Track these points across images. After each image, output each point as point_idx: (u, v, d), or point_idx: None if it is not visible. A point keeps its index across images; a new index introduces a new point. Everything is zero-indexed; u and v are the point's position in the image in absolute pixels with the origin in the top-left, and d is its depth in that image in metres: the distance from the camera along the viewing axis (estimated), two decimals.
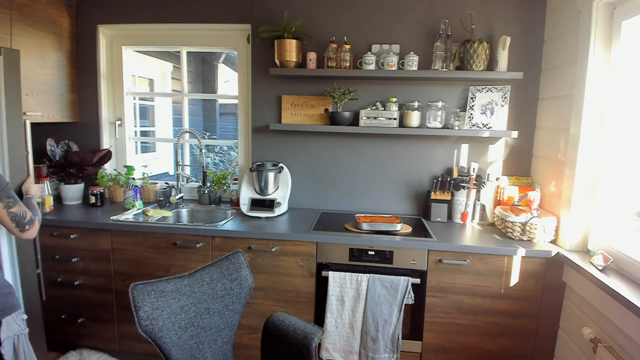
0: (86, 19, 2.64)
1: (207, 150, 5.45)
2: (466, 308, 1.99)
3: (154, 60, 5.08)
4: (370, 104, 2.44)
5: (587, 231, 1.89)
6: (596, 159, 1.84)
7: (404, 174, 2.52)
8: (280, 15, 2.33)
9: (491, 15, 2.31)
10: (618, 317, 1.50)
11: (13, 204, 1.48)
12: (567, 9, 2.03)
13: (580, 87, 1.85)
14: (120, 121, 2.81)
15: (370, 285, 1.94)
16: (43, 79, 2.41)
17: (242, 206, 2.39)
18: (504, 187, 2.29)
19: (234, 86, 2.79)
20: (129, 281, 2.17)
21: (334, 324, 2.00)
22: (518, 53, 2.30)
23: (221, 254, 2.05)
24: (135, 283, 1.28)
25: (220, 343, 1.49)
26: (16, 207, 1.49)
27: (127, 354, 2.29)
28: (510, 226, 2.04)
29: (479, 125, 2.34)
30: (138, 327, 1.23)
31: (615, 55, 1.76)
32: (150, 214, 2.33)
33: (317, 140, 2.56)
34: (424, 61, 2.34)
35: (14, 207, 1.49)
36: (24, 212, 1.51)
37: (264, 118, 2.57)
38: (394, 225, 2.10)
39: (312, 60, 2.34)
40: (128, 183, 2.59)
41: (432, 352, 2.05)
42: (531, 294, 1.94)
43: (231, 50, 3.25)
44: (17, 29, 2.21)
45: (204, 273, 1.49)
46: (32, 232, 1.52)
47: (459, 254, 1.95)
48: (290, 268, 2.08)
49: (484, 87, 2.33)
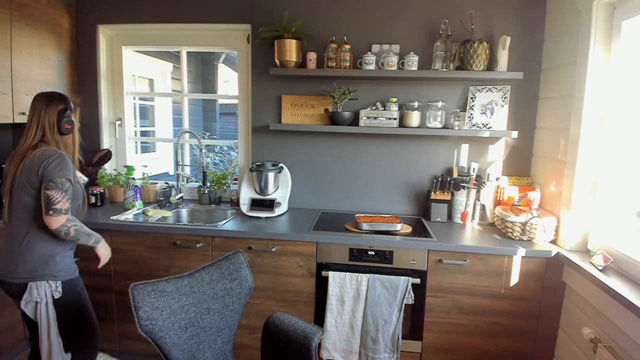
0: (86, 19, 2.64)
1: (207, 150, 5.45)
2: (466, 308, 1.99)
3: (154, 60, 5.08)
4: (370, 104, 2.44)
5: (587, 231, 1.89)
6: (596, 159, 1.84)
7: (404, 174, 2.52)
8: (280, 15, 2.33)
9: (491, 15, 2.31)
10: (618, 317, 1.50)
11: (51, 188, 1.51)
12: (567, 9, 2.03)
13: (580, 87, 1.85)
14: (120, 121, 2.81)
15: (370, 285, 1.94)
16: (43, 79, 2.41)
17: (242, 206, 2.39)
18: (504, 187, 2.29)
19: (234, 86, 2.79)
20: (129, 281, 2.16)
21: (334, 324, 2.00)
22: (518, 53, 2.30)
23: (221, 254, 2.05)
24: (135, 283, 1.28)
25: (220, 343, 1.49)
26: (53, 192, 1.51)
27: (127, 354, 2.29)
28: (510, 226, 2.04)
29: (479, 125, 2.34)
30: (138, 327, 1.23)
31: (615, 55, 1.76)
32: (150, 214, 2.33)
33: (317, 140, 2.56)
34: (424, 61, 2.34)
35: (51, 190, 1.51)
36: (57, 200, 1.52)
37: (264, 118, 2.57)
38: (394, 225, 2.10)
39: (312, 60, 2.34)
40: (128, 183, 2.59)
41: (432, 352, 2.05)
42: (531, 294, 1.94)
43: (231, 50, 3.25)
44: (17, 29, 2.21)
45: (204, 273, 1.48)
46: (52, 221, 1.53)
47: (459, 254, 1.95)
48: (290, 268, 2.08)
49: (484, 87, 2.33)
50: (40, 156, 1.53)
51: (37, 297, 1.56)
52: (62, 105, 1.62)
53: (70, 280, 1.67)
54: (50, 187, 1.51)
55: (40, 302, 1.57)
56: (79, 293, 1.70)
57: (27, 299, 1.56)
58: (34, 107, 1.60)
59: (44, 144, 1.58)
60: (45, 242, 1.59)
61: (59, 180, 1.53)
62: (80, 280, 1.74)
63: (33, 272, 1.56)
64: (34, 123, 1.58)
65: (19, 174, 1.54)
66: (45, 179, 1.52)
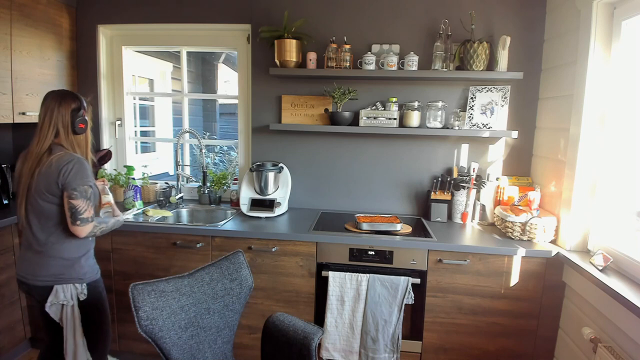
0: (86, 19, 2.64)
1: (207, 150, 5.44)
2: (466, 308, 1.99)
3: (154, 60, 5.08)
4: (370, 104, 2.44)
5: (587, 231, 1.89)
6: (596, 159, 1.84)
7: (404, 174, 2.52)
8: (280, 15, 2.33)
9: (491, 15, 2.31)
10: (618, 317, 1.50)
11: (76, 197, 1.50)
12: (567, 9, 2.03)
13: (580, 87, 1.85)
14: (120, 121, 2.81)
15: (370, 285, 1.94)
16: (43, 79, 2.41)
17: (242, 206, 2.39)
18: (504, 187, 2.29)
19: (234, 86, 2.79)
20: (129, 281, 2.16)
21: (334, 324, 2.00)
22: (518, 53, 2.30)
23: (221, 254, 2.04)
24: (135, 283, 1.28)
25: (220, 343, 1.49)
26: (78, 201, 1.51)
27: (127, 354, 2.29)
28: (510, 226, 2.04)
29: (479, 125, 2.34)
30: (138, 327, 1.23)
31: (615, 55, 1.76)
32: (150, 214, 2.33)
33: (317, 140, 2.56)
34: (424, 61, 2.34)
35: (76, 200, 1.51)
36: (83, 209, 1.52)
37: (264, 118, 2.57)
38: (394, 225, 2.10)
39: (312, 60, 2.34)
40: (128, 183, 2.59)
41: (432, 352, 2.05)
42: (531, 294, 1.94)
43: (231, 50, 3.25)
44: (17, 29, 2.21)
45: (204, 273, 1.48)
46: (80, 230, 1.53)
47: (459, 254, 1.95)
48: (290, 268, 2.08)
49: (484, 87, 2.33)
50: (58, 164, 1.50)
51: (63, 299, 1.57)
52: (75, 104, 1.58)
53: (94, 282, 1.68)
54: (75, 196, 1.50)
55: (66, 305, 1.57)
56: (100, 294, 1.71)
57: (52, 302, 1.56)
58: (46, 106, 1.55)
59: (58, 146, 1.56)
60: (70, 246, 1.60)
61: (81, 188, 1.52)
62: (102, 280, 1.74)
63: (59, 275, 1.56)
64: (47, 123, 1.54)
65: (36, 181, 1.51)
66: (67, 189, 1.50)
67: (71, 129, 1.57)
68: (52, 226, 1.56)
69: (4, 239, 2.12)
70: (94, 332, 1.68)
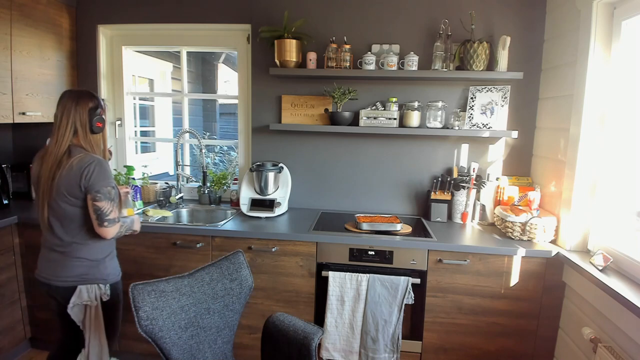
0: (86, 19, 2.64)
1: (207, 150, 5.44)
2: (466, 308, 1.99)
3: (154, 60, 5.08)
4: (370, 104, 2.44)
5: (587, 231, 1.89)
6: (596, 159, 1.84)
7: (404, 174, 2.52)
8: (280, 15, 2.33)
9: (491, 15, 2.31)
10: (618, 317, 1.50)
11: (100, 199, 1.51)
12: (567, 9, 2.03)
13: (580, 87, 1.85)
14: (120, 121, 2.81)
15: (370, 285, 1.94)
16: (43, 79, 2.41)
17: (242, 206, 2.39)
18: (504, 187, 2.29)
19: (234, 86, 2.79)
20: (129, 281, 2.14)
21: (334, 324, 2.00)
22: (518, 53, 2.30)
23: (221, 254, 2.05)
24: (135, 283, 1.28)
25: (220, 343, 1.49)
26: (102, 203, 1.51)
27: (127, 354, 2.29)
28: (510, 226, 2.04)
29: (479, 125, 2.34)
30: (138, 327, 1.23)
31: (615, 55, 1.76)
32: (150, 214, 2.33)
33: (317, 140, 2.56)
34: (424, 61, 2.34)
35: (100, 202, 1.51)
36: (109, 210, 1.53)
37: (264, 118, 2.57)
38: (394, 225, 2.10)
39: (312, 60, 2.34)
40: (128, 183, 2.59)
41: (432, 352, 2.05)
42: (531, 294, 1.94)
43: (231, 50, 3.25)
44: (17, 29, 2.21)
45: (204, 273, 1.49)
46: (107, 232, 1.54)
47: (459, 254, 1.95)
48: (290, 268, 2.08)
49: (484, 87, 2.33)
50: (79, 166, 1.49)
51: (87, 300, 1.57)
52: (92, 103, 1.57)
53: (116, 284, 1.69)
54: (99, 198, 1.50)
55: (90, 305, 1.58)
56: (118, 295, 1.72)
57: (75, 302, 1.56)
58: (63, 106, 1.53)
59: (76, 147, 1.54)
60: (95, 247, 1.60)
61: (105, 190, 1.52)
62: (122, 283, 1.75)
63: (83, 275, 1.57)
64: (64, 122, 1.52)
65: (57, 184, 1.50)
66: (91, 191, 1.50)
67: (89, 128, 1.56)
68: (76, 228, 1.56)
69: (4, 239, 2.12)
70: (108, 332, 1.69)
